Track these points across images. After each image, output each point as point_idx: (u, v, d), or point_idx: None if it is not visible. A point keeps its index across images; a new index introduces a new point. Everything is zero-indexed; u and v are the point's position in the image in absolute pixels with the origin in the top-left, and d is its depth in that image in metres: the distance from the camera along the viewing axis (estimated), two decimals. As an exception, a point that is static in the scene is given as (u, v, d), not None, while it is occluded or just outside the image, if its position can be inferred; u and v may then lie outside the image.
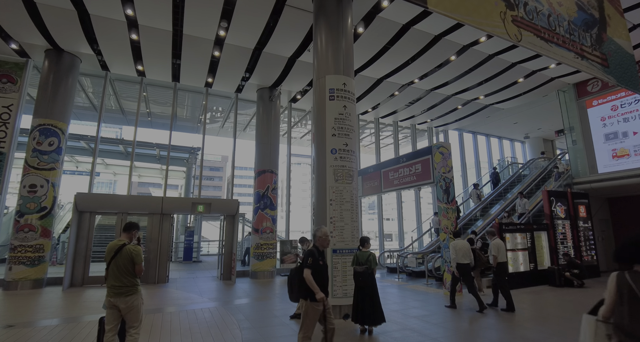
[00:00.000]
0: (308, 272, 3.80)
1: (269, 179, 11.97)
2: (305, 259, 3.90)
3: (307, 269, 3.80)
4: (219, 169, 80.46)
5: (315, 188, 6.91)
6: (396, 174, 10.89)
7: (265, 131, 12.40)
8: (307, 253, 3.98)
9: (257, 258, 11.41)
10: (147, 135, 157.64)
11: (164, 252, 10.49)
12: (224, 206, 11.04)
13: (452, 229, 8.82)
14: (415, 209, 16.79)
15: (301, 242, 6.50)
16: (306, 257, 3.91)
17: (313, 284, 3.72)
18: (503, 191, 15.36)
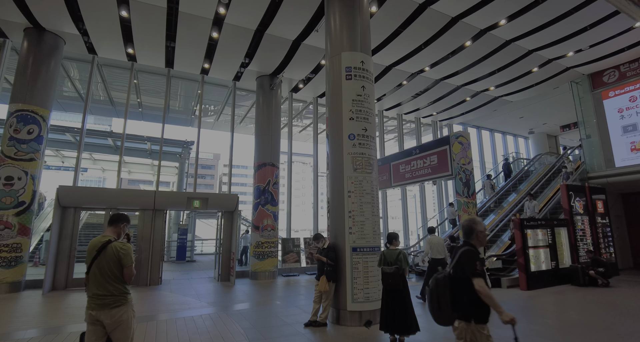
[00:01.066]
0: (481, 283, 2.56)
1: (270, 172, 11.16)
2: (471, 263, 2.61)
3: (478, 279, 2.56)
4: (211, 167, 79.07)
5: (331, 179, 6.14)
6: (408, 166, 10.18)
7: (266, 122, 11.59)
8: (468, 254, 2.66)
9: (258, 257, 10.61)
10: (138, 128, 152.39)
11: (156, 251, 9.63)
12: (222, 201, 10.21)
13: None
14: (420, 205, 16.12)
15: (316, 240, 5.74)
16: (472, 260, 2.62)
17: (494, 301, 2.53)
18: (517, 181, 14.75)
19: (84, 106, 10.92)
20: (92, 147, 18.63)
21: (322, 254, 5.59)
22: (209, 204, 9.89)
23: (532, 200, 11.14)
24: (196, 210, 10.12)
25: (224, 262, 10.30)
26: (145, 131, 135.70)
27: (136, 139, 17.27)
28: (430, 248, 7.31)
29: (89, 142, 17.94)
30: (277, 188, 11.26)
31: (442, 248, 7.32)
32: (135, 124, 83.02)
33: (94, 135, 16.23)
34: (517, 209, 11.97)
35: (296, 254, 11.62)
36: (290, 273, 11.54)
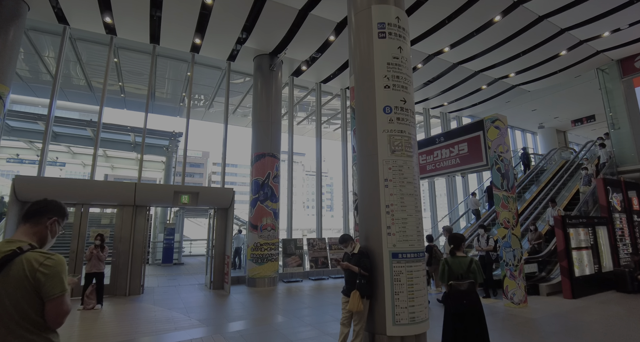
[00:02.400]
0: None
1: (270, 164, 9.78)
2: None
3: None
4: (200, 165, 76.97)
5: (360, 166, 4.82)
6: (430, 157, 8.93)
7: (265, 107, 10.19)
8: None
9: (256, 261, 9.22)
10: (121, 117, 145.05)
11: (137, 254, 8.17)
12: (215, 196, 8.79)
13: (513, 223, 6.93)
14: (429, 203, 14.91)
15: (344, 242, 4.42)
16: None
17: None
18: (535, 176, 13.63)
19: (53, 86, 9.35)
20: (70, 138, 16.96)
21: (351, 261, 4.27)
22: (199, 200, 8.47)
23: (554, 206, 9.86)
24: (185, 207, 8.69)
25: (216, 267, 8.90)
26: (129, 121, 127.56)
27: (118, 129, 15.67)
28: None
29: (65, 132, 16.28)
30: (277, 182, 9.89)
31: None
32: (117, 113, 78.45)
33: (69, 124, 14.55)
34: (534, 217, 10.63)
35: (299, 257, 10.27)
36: (292, 279, 10.19)
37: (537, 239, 8.99)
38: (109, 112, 60.76)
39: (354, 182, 5.22)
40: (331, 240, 11.08)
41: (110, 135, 16.49)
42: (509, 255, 6.79)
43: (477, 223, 11.44)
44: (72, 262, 7.55)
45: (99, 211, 14.23)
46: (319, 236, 11.63)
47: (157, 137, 16.96)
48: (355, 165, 5.05)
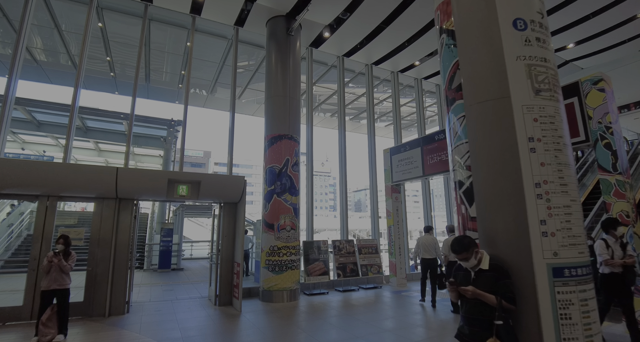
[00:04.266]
0: None
1: (288, 148, 7.90)
2: None
3: None
4: (201, 165, 75.14)
5: (472, 121, 2.95)
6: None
7: (281, 80, 8.31)
8: None
9: (273, 269, 7.33)
10: (113, 103, 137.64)
11: (121, 261, 6.29)
12: (221, 186, 6.88)
13: (633, 218, 5.03)
14: (445, 199, 12.93)
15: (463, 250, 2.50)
16: None
17: None
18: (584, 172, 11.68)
19: (14, 54, 7.45)
20: (55, 128, 15.11)
21: (477, 283, 2.39)
22: (201, 191, 6.58)
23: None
24: (183, 200, 6.81)
25: (223, 278, 7.01)
26: (121, 107, 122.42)
27: (109, 116, 13.79)
28: (419, 247, 7.36)
29: (51, 121, 14.43)
30: (298, 171, 8.00)
31: (430, 247, 7.20)
32: (108, 98, 74.50)
33: (48, 108, 12.63)
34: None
35: (323, 263, 8.38)
36: (315, 290, 8.29)
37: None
38: (97, 97, 56.98)
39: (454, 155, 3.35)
40: (360, 242, 9.18)
41: (100, 124, 14.65)
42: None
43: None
44: (33, 274, 5.68)
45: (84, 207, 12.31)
46: (343, 237, 9.74)
47: (153, 126, 15.09)
48: (453, 124, 3.17)
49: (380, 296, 7.96)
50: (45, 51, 10.73)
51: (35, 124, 14.32)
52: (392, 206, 9.61)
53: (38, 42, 10.24)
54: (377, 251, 9.32)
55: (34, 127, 14.33)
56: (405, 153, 9.27)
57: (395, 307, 6.88)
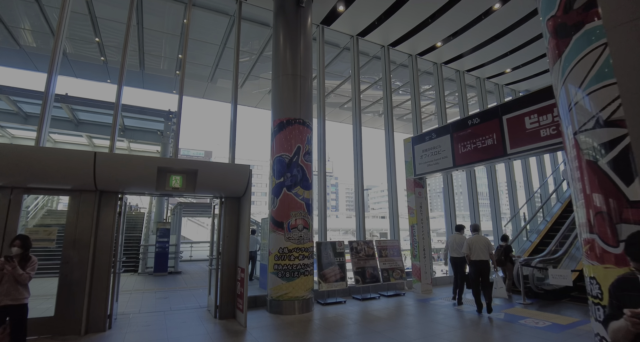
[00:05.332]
0: None
1: (300, 134, 6.82)
2: None
3: None
4: (203, 165, 73.91)
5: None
6: (547, 117, 5.91)
7: (291, 57, 7.22)
8: None
9: (283, 275, 6.24)
10: (105, 92, 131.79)
11: (102, 267, 5.22)
12: (223, 177, 5.78)
13: None
14: (468, 196, 11.76)
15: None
16: None
17: None
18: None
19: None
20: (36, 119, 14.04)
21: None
22: (199, 182, 5.50)
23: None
24: (176, 193, 5.73)
25: (225, 286, 5.93)
26: (113, 97, 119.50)
27: (99, 106, 12.70)
28: (449, 246, 7.32)
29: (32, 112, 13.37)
30: (310, 161, 6.92)
31: (459, 247, 7.01)
32: (100, 88, 71.63)
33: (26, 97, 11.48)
34: None
35: (339, 267, 7.28)
36: (331, 299, 7.21)
37: None
38: (86, 86, 55.21)
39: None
40: (380, 244, 8.09)
41: (94, 116, 13.60)
42: None
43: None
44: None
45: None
46: (360, 238, 8.66)
47: (148, 119, 14.00)
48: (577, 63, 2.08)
49: (406, 305, 6.86)
50: (24, 30, 9.68)
51: (22, 116, 13.29)
52: (415, 202, 8.52)
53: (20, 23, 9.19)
54: (399, 253, 8.23)
55: (20, 119, 13.29)
56: (431, 142, 8.18)
57: (431, 320, 5.78)
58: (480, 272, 6.23)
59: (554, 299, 7.20)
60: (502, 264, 7.79)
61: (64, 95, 12.04)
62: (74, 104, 12.33)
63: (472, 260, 6.31)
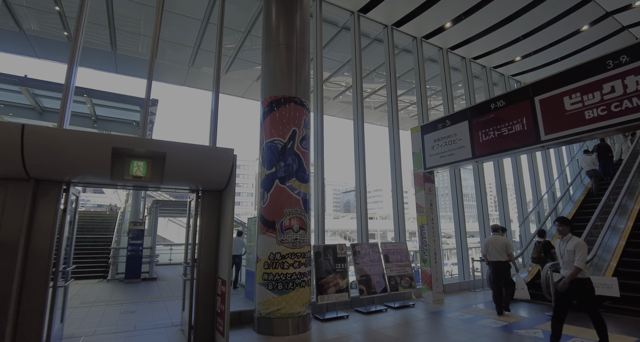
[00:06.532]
0: None
1: (296, 116, 5.67)
2: None
3: None
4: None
5: None
6: (590, 96, 4.92)
7: (285, 24, 6.06)
8: None
9: (274, 287, 5.06)
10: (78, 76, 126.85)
11: (35, 278, 3.96)
12: (199, 163, 4.53)
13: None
14: (476, 194, 10.74)
15: None
16: None
17: None
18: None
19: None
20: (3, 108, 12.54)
21: None
22: (167, 170, 4.28)
23: None
24: (140, 184, 4.51)
25: (201, 301, 4.73)
26: (88, 82, 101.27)
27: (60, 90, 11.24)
28: (485, 249, 6.53)
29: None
30: (308, 148, 5.77)
31: (501, 249, 6.28)
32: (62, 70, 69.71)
33: None
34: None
35: (340, 275, 6.15)
36: (330, 314, 6.06)
37: None
38: (51, 68, 50.54)
39: None
40: (387, 247, 7.00)
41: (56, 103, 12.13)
42: None
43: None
44: None
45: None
46: (361, 241, 7.55)
47: (122, 108, 12.62)
48: None
49: (419, 320, 5.77)
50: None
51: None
52: (424, 199, 7.47)
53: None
54: (407, 257, 7.16)
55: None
56: (444, 130, 7.15)
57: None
58: (498, 273, 6.24)
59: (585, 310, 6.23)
60: (542, 262, 7.09)
61: (22, 78, 10.59)
62: (36, 88, 10.90)
63: (489, 261, 6.40)
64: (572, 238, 4.30)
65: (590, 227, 7.64)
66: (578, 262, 4.06)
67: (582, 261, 4.06)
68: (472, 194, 12.86)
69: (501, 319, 5.80)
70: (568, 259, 4.22)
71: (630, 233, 7.83)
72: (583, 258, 4.07)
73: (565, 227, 4.40)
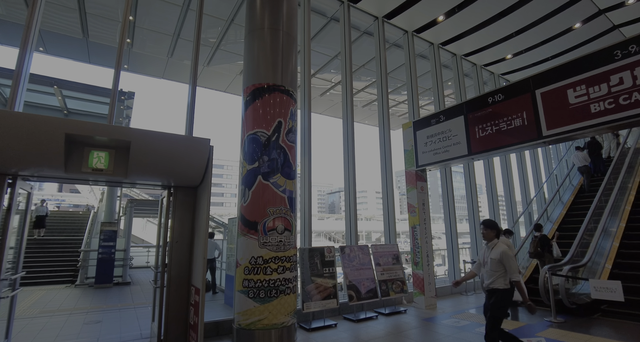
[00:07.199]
0: None
1: (282, 106, 5.18)
2: None
3: None
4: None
5: None
6: (596, 88, 4.63)
7: (272, 6, 5.56)
8: None
9: (255, 295, 4.54)
10: (44, 66, 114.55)
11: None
12: (170, 154, 3.97)
13: None
14: (467, 195, 10.47)
15: None
16: None
17: None
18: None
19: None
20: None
21: None
22: (133, 162, 3.72)
23: None
24: (102, 179, 3.93)
25: (172, 311, 4.18)
26: (54, 72, 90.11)
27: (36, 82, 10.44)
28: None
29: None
30: (294, 142, 5.28)
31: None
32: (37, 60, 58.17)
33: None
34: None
35: (329, 280, 5.67)
36: (317, 322, 5.59)
37: None
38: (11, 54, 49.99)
39: None
40: (377, 249, 6.58)
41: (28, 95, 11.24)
42: None
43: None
44: None
45: None
46: (350, 243, 7.11)
47: (98, 101, 11.83)
48: None
49: (414, 329, 5.36)
50: None
51: None
52: (416, 198, 7.09)
53: None
54: (398, 260, 6.76)
55: None
56: (438, 126, 6.79)
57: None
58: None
59: (586, 315, 5.98)
60: (539, 257, 7.09)
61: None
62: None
63: None
64: (497, 245, 3.76)
65: (584, 231, 7.43)
66: (514, 276, 3.60)
67: (515, 273, 3.62)
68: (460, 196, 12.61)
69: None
70: (491, 268, 3.71)
71: (623, 234, 7.67)
72: (514, 268, 3.62)
73: (489, 231, 3.85)
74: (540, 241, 7.12)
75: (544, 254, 7.06)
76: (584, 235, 7.36)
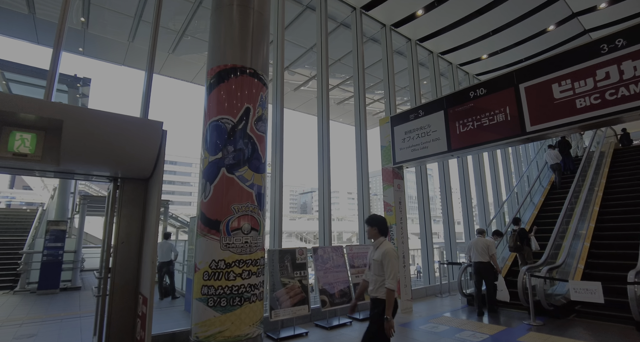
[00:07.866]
0: None
1: (252, 91, 4.64)
2: None
3: None
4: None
5: None
6: (582, 83, 4.45)
7: (241, -17, 5.02)
8: None
9: (216, 304, 3.98)
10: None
11: None
12: (113, 138, 3.35)
13: None
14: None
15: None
16: None
17: None
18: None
19: None
20: None
21: None
22: (66, 147, 3.07)
23: None
24: (27, 166, 3.24)
25: (116, 324, 3.56)
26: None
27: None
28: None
29: None
30: (264, 132, 4.76)
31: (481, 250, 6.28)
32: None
33: None
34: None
35: (299, 285, 5.20)
36: (286, 332, 5.09)
37: None
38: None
39: None
40: (352, 250, 6.17)
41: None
42: None
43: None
44: None
45: None
46: (324, 244, 6.67)
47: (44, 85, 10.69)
48: None
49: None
50: None
51: None
52: (393, 197, 6.76)
53: None
54: (374, 262, 6.38)
55: None
56: (417, 121, 6.49)
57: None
58: (479, 273, 6.31)
59: (562, 316, 5.85)
60: (519, 250, 7.18)
61: None
62: None
63: (472, 261, 6.51)
64: (382, 244, 3.15)
65: (557, 233, 7.38)
66: (389, 283, 2.89)
67: (393, 279, 2.91)
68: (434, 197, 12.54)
69: (480, 330, 5.20)
70: (374, 272, 3.12)
71: (593, 234, 7.73)
72: (394, 274, 2.92)
73: (371, 228, 3.25)
74: (519, 235, 7.17)
75: (523, 247, 7.14)
76: (556, 237, 7.32)
